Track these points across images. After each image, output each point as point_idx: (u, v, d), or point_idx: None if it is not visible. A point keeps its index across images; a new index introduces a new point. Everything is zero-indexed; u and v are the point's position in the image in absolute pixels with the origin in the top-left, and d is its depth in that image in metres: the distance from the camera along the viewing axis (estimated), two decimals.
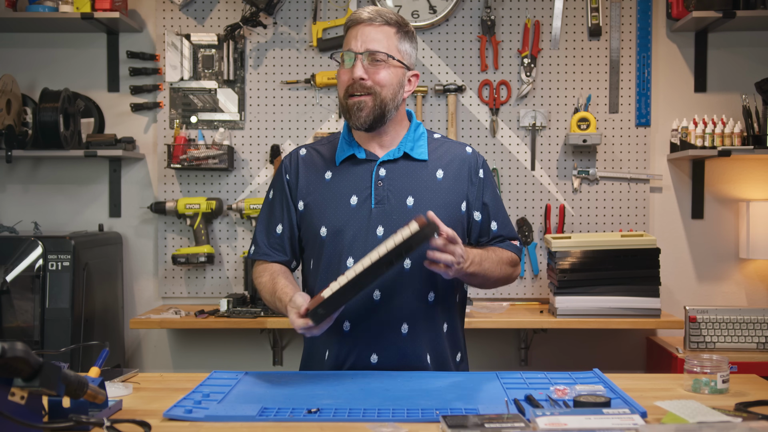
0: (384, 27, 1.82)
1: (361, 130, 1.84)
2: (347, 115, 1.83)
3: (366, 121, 1.81)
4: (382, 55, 1.80)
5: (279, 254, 1.91)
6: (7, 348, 1.12)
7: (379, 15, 1.82)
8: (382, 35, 1.81)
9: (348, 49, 1.81)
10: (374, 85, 1.79)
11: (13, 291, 2.76)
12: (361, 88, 1.79)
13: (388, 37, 1.82)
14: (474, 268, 1.75)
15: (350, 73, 1.80)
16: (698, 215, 3.36)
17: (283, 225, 1.90)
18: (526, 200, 3.35)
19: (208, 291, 3.38)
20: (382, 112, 1.81)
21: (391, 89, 1.81)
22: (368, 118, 1.80)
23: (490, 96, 3.33)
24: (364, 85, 1.79)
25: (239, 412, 1.42)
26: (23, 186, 3.42)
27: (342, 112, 1.87)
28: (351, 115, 1.81)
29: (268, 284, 1.87)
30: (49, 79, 3.34)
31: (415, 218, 1.60)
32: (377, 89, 1.79)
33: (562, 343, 3.35)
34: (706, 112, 3.32)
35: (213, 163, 3.25)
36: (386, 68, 1.81)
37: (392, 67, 1.82)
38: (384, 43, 1.81)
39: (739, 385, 1.65)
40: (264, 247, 1.92)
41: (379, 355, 1.78)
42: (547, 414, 1.27)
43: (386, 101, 1.81)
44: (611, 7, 3.32)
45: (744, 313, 2.89)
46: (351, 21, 1.84)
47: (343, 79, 1.82)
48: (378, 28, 1.81)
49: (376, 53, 1.80)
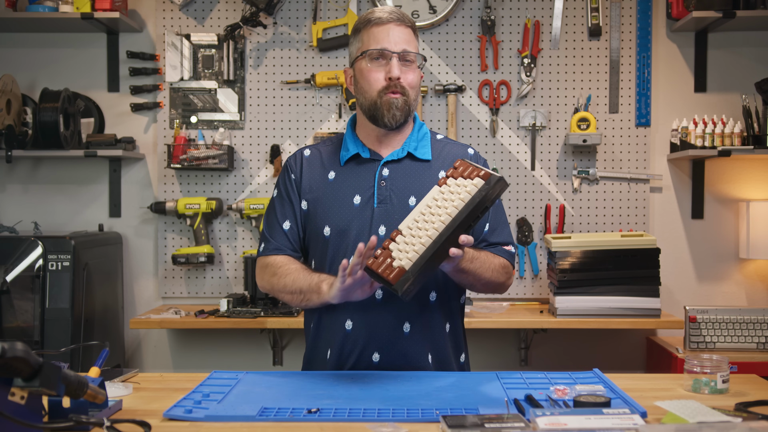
0: (408, 28, 1.84)
1: (389, 128, 1.84)
2: (379, 112, 1.81)
3: (399, 120, 1.82)
4: (414, 56, 1.82)
5: (290, 250, 1.89)
6: (7, 348, 1.12)
7: (403, 16, 1.84)
8: (410, 36, 1.84)
9: (383, 47, 1.80)
10: (406, 86, 1.81)
11: (13, 291, 2.76)
12: (397, 88, 1.80)
13: (412, 38, 1.85)
14: (465, 265, 1.71)
15: (383, 71, 1.80)
16: (698, 215, 3.36)
17: (290, 222, 1.89)
18: (526, 200, 3.35)
19: (208, 291, 3.38)
20: (409, 112, 1.84)
21: (416, 91, 1.85)
22: (402, 117, 1.82)
23: (490, 96, 3.33)
24: (400, 84, 1.80)
25: (239, 412, 1.42)
26: (23, 186, 3.42)
27: (370, 110, 1.83)
28: (384, 113, 1.81)
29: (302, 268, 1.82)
30: (49, 79, 3.34)
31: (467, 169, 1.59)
32: (408, 90, 1.81)
33: (562, 343, 3.35)
34: (706, 112, 3.31)
35: (213, 163, 3.25)
36: (414, 70, 1.83)
37: (417, 69, 1.84)
38: (414, 45, 1.84)
39: (739, 385, 1.65)
40: (274, 242, 1.89)
41: (381, 355, 1.78)
42: (547, 414, 1.27)
43: (411, 102, 1.84)
44: (611, 7, 3.32)
45: (744, 313, 2.89)
46: (377, 19, 1.83)
47: (376, 76, 1.81)
48: (405, 29, 1.83)
49: (409, 54, 1.81)
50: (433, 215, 1.57)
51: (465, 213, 1.55)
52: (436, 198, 1.61)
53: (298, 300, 1.80)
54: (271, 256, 1.89)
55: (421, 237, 1.55)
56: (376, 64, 1.81)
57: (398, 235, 1.59)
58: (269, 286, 1.88)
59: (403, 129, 1.88)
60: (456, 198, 1.57)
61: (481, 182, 1.56)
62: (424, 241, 1.54)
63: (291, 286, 1.80)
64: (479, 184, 1.56)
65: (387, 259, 1.56)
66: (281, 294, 1.84)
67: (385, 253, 1.57)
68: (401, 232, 1.59)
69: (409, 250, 1.54)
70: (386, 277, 1.53)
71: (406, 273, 1.52)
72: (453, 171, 1.64)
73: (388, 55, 1.80)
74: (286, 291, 1.82)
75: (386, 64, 1.80)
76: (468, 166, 1.63)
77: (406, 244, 1.56)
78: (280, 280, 1.83)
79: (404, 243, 1.57)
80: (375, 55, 1.81)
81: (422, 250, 1.53)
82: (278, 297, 1.88)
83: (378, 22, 1.82)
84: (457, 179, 1.60)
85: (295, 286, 1.79)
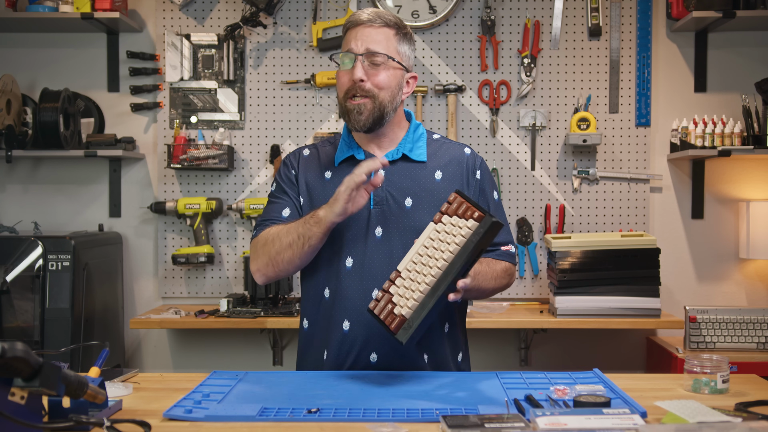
0: (383, 28, 1.82)
1: (360, 132, 1.84)
2: (346, 117, 1.82)
3: (365, 124, 1.81)
4: (382, 56, 1.80)
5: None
6: (7, 348, 1.12)
7: (378, 16, 1.81)
8: (381, 36, 1.81)
9: (347, 50, 1.81)
10: (373, 87, 1.79)
11: (13, 291, 2.76)
12: (360, 91, 1.78)
13: (387, 38, 1.82)
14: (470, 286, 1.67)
15: (350, 74, 1.80)
16: (698, 215, 3.36)
17: (290, 209, 1.87)
18: (526, 200, 3.34)
19: (208, 291, 3.38)
20: (381, 114, 1.81)
21: (389, 91, 1.81)
22: (367, 121, 1.80)
23: (490, 96, 3.33)
24: (363, 87, 1.78)
25: (239, 412, 1.42)
26: (23, 186, 3.42)
27: (341, 114, 1.86)
28: (350, 118, 1.81)
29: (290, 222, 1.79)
30: (49, 79, 3.34)
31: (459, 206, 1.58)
32: (376, 92, 1.79)
33: (562, 343, 3.35)
34: (706, 112, 3.31)
35: (213, 163, 3.25)
36: (386, 70, 1.81)
37: (391, 68, 1.82)
38: (384, 45, 1.81)
39: (739, 385, 1.65)
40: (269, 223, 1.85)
41: (379, 355, 1.78)
42: (547, 414, 1.27)
43: (385, 104, 1.81)
44: (611, 7, 3.32)
45: (744, 313, 2.89)
46: (350, 22, 1.83)
47: (343, 80, 1.82)
48: (378, 30, 1.81)
49: (375, 54, 1.79)
50: (430, 258, 1.57)
51: (462, 258, 1.54)
52: (432, 238, 1.60)
53: (299, 247, 1.74)
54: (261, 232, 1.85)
55: (419, 283, 1.56)
56: (344, 68, 1.82)
57: (398, 278, 1.60)
58: (266, 258, 1.80)
59: (388, 131, 1.87)
60: (452, 242, 1.56)
61: (475, 224, 1.55)
62: (422, 289, 1.55)
63: (286, 238, 1.75)
64: (473, 227, 1.55)
65: (388, 304, 1.58)
66: (281, 255, 1.77)
67: (387, 297, 1.59)
68: (400, 274, 1.60)
69: (409, 297, 1.56)
70: (388, 324, 1.56)
71: (407, 322, 1.54)
72: (447, 207, 1.62)
73: (351, 57, 1.80)
74: (284, 247, 1.76)
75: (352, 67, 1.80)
76: (462, 203, 1.60)
77: (405, 288, 1.57)
78: (275, 243, 1.77)
79: (404, 288, 1.58)
80: (343, 59, 1.81)
81: (421, 298, 1.55)
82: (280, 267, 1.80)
83: (351, 25, 1.83)
84: (452, 217, 1.59)
85: (291, 235, 1.75)
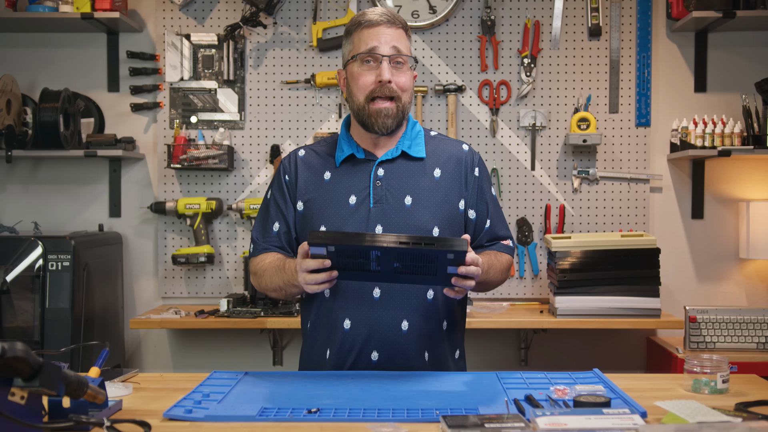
0: (400, 30, 1.82)
1: (381, 135, 1.83)
2: (369, 120, 1.80)
3: (391, 127, 1.81)
4: (406, 58, 1.80)
5: (278, 250, 1.90)
6: (7, 348, 1.12)
7: (394, 17, 1.81)
8: (402, 38, 1.81)
9: (372, 50, 1.78)
10: (398, 89, 1.79)
11: (13, 291, 2.76)
12: (388, 92, 1.77)
13: (405, 40, 1.82)
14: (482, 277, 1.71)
15: (374, 75, 1.78)
16: (698, 215, 3.36)
17: (279, 224, 1.89)
18: (526, 200, 3.34)
19: (208, 291, 3.38)
20: (403, 116, 1.82)
21: (409, 93, 1.83)
22: (393, 124, 1.81)
23: (490, 96, 3.33)
24: (390, 88, 1.77)
25: (239, 412, 1.42)
26: (23, 186, 3.42)
27: (359, 115, 1.81)
28: (374, 121, 1.79)
29: (275, 262, 1.82)
30: (49, 79, 3.34)
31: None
32: (399, 93, 1.79)
33: (562, 343, 3.35)
34: (706, 112, 3.31)
35: (213, 163, 3.25)
36: (407, 72, 1.81)
37: (410, 70, 1.82)
38: (405, 46, 1.81)
39: (739, 385, 1.65)
40: (262, 243, 1.90)
41: (380, 353, 1.78)
42: (547, 414, 1.27)
43: (407, 105, 1.82)
44: (611, 7, 3.32)
45: (744, 313, 2.89)
46: (367, 22, 1.80)
47: (366, 80, 1.79)
48: (397, 31, 1.81)
49: (401, 56, 1.79)
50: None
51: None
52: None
53: (286, 292, 1.80)
54: (257, 257, 1.91)
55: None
56: (366, 67, 1.79)
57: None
58: (258, 288, 1.91)
59: (397, 131, 1.87)
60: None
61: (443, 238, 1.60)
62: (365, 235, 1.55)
63: (273, 281, 1.81)
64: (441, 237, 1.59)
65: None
66: (274, 293, 1.85)
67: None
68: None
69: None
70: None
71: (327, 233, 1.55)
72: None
73: (378, 58, 1.78)
74: (274, 288, 1.83)
75: (377, 66, 1.78)
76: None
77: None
78: (265, 279, 1.85)
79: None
80: (365, 58, 1.79)
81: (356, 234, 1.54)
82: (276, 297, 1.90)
83: (368, 24, 1.80)
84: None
85: (276, 281, 1.80)
